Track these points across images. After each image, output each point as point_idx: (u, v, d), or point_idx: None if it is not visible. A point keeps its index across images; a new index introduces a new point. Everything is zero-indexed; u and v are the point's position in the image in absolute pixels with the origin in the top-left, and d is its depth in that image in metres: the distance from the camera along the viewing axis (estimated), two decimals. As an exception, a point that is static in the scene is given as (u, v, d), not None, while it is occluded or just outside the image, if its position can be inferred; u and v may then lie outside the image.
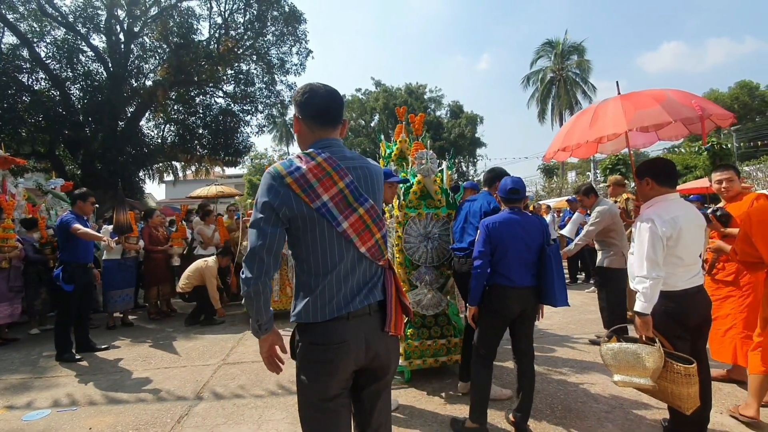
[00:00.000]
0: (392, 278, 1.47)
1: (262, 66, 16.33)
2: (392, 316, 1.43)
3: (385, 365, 1.46)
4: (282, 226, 1.35)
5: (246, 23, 15.61)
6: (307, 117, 1.44)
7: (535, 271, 2.61)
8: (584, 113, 2.91)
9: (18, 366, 4.25)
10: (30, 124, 12.73)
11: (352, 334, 1.36)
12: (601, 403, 3.04)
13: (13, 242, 5.11)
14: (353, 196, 1.37)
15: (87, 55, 13.87)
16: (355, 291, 1.39)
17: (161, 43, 14.73)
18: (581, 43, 32.50)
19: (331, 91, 1.46)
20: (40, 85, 13.28)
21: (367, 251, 1.39)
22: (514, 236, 2.58)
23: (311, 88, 1.44)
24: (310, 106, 1.43)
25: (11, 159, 6.43)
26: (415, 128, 4.00)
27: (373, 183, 1.45)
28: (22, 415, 3.10)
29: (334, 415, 1.37)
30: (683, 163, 19.74)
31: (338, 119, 1.47)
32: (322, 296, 1.35)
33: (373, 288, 1.43)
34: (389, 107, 28.57)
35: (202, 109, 16.05)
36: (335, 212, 1.33)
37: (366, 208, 1.38)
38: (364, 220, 1.37)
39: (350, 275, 1.38)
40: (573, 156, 3.24)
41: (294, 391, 3.35)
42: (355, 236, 1.36)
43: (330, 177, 1.34)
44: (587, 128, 2.66)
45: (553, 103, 33.26)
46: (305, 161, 1.35)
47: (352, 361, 1.37)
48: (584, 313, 5.88)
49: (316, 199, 1.32)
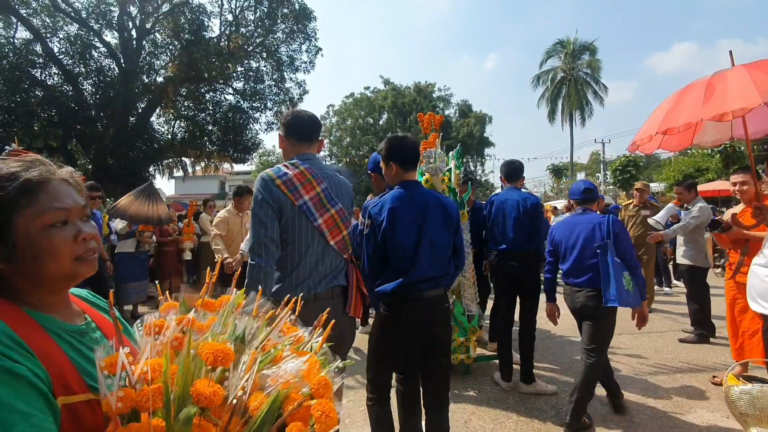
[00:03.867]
0: (354, 270, 1.80)
1: (271, 63, 16.39)
2: (351, 300, 1.74)
3: (342, 342, 1.75)
4: (277, 218, 1.63)
5: (256, 20, 15.69)
6: (291, 136, 1.78)
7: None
8: (691, 88, 2.53)
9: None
10: (43, 119, 12.92)
11: (315, 311, 1.54)
12: (607, 405, 3.01)
13: None
14: (327, 199, 1.69)
15: (99, 51, 14.04)
16: (321, 276, 1.69)
17: (172, 40, 14.85)
18: (592, 43, 32.20)
19: (311, 116, 1.81)
20: (53, 80, 13.48)
21: (335, 244, 1.71)
22: (579, 235, 2.64)
23: (295, 113, 1.82)
24: (294, 128, 1.77)
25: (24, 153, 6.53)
26: (424, 126, 3.98)
27: (341, 190, 1.78)
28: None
29: None
30: (695, 165, 19.47)
31: (315, 138, 1.81)
32: (297, 277, 1.65)
33: (338, 275, 1.75)
34: (397, 106, 28.54)
35: (211, 105, 16.16)
36: (313, 210, 1.65)
37: (336, 210, 1.72)
38: (334, 218, 1.70)
39: (320, 262, 1.69)
40: (662, 147, 2.93)
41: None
42: (327, 231, 1.68)
43: (310, 182, 1.67)
44: (699, 105, 2.30)
45: (564, 103, 32.98)
46: (291, 169, 1.67)
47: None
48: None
49: (299, 198, 1.63)
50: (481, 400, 3.14)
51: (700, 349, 4.26)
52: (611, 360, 3.92)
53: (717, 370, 3.64)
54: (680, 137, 2.81)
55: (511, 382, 3.31)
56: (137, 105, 14.73)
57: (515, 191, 3.30)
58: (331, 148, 30.63)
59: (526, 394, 3.18)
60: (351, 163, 26.60)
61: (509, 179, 3.35)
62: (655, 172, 28.69)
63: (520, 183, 3.47)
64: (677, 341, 4.50)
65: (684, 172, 18.92)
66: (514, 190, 3.30)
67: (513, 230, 3.19)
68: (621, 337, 4.71)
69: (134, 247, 5.87)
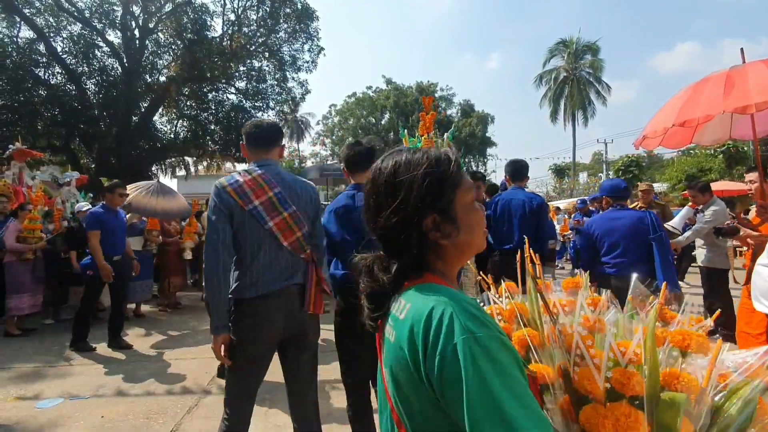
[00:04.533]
0: (313, 269, 1.87)
1: (274, 63, 16.38)
2: (310, 298, 1.82)
3: (303, 335, 1.87)
4: (228, 223, 1.72)
5: (259, 20, 15.68)
6: (249, 144, 1.89)
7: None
8: (706, 82, 2.52)
9: (31, 355, 4.34)
10: (46, 118, 12.94)
11: (272, 308, 1.76)
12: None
13: (39, 234, 5.21)
14: (280, 203, 1.77)
15: (102, 51, 14.04)
16: (276, 275, 1.77)
17: (175, 39, 14.86)
18: (595, 43, 32.12)
19: (270, 124, 1.93)
20: (56, 80, 13.49)
21: (289, 245, 1.78)
22: (623, 229, 2.75)
23: (255, 122, 1.93)
24: (251, 136, 1.88)
25: (28, 152, 6.55)
26: (426, 126, 3.99)
27: (298, 194, 1.85)
28: (35, 403, 3.16)
29: (259, 366, 1.82)
30: (698, 165, 19.40)
31: (273, 145, 1.90)
32: (250, 276, 1.75)
33: (294, 274, 1.82)
34: (399, 105, 28.51)
35: (214, 105, 16.16)
36: (264, 214, 1.73)
37: (289, 212, 1.78)
38: (287, 221, 1.77)
39: (273, 262, 1.77)
40: (663, 145, 2.97)
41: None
42: (279, 233, 1.75)
43: (262, 187, 1.76)
44: (720, 97, 2.28)
45: (566, 103, 32.91)
46: (243, 176, 1.78)
47: (274, 329, 1.77)
48: (594, 315, 5.82)
49: (249, 203, 1.72)
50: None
51: (704, 349, 4.24)
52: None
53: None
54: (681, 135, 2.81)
55: None
56: (140, 104, 14.75)
57: (521, 191, 3.29)
58: (333, 147, 30.62)
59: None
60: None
61: (514, 179, 3.34)
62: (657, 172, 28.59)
63: (525, 183, 3.47)
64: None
65: (687, 172, 18.85)
66: (519, 190, 3.29)
67: (518, 230, 3.19)
68: (624, 338, 4.70)
69: (141, 245, 5.87)
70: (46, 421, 2.87)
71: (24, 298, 5.03)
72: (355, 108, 29.87)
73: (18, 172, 6.14)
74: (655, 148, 3.24)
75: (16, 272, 5.01)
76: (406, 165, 0.72)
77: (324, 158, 30.96)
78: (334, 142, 30.63)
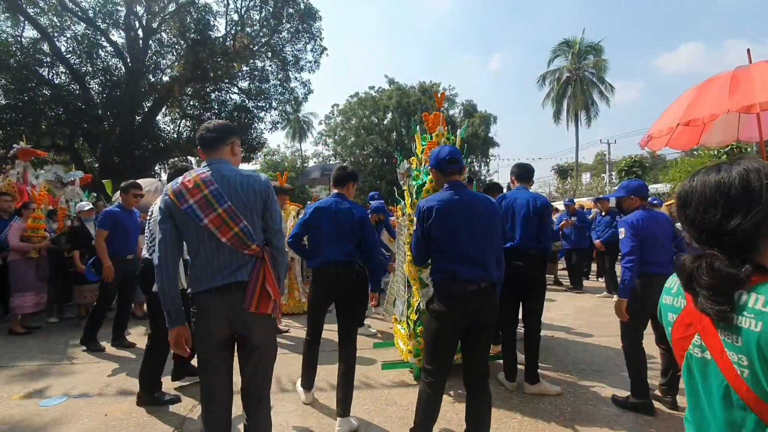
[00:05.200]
0: (262, 266, 1.84)
1: (276, 63, 16.43)
2: (252, 296, 1.79)
3: (247, 335, 1.85)
4: (169, 222, 1.81)
5: (262, 20, 15.72)
6: (199, 145, 1.98)
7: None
8: (712, 82, 2.55)
9: (36, 353, 4.37)
10: (50, 117, 13.00)
11: (213, 304, 1.80)
12: (611, 406, 3.01)
13: (43, 232, 5.24)
14: (215, 200, 1.79)
15: (106, 51, 14.12)
16: (216, 272, 1.80)
17: (178, 39, 14.92)
18: (598, 43, 32.01)
19: (216, 125, 1.97)
20: (60, 79, 13.56)
21: (227, 241, 1.79)
22: (664, 230, 2.91)
23: (203, 125, 1.98)
24: (198, 138, 1.97)
25: (32, 151, 6.59)
26: (429, 126, 3.98)
27: (237, 190, 1.84)
28: (39, 401, 3.19)
29: (213, 361, 1.87)
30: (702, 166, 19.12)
31: (215, 146, 1.94)
32: (195, 272, 1.83)
33: (237, 270, 1.82)
34: (402, 105, 28.46)
35: (217, 105, 16.22)
36: (198, 212, 1.78)
37: (224, 209, 1.79)
38: (222, 217, 1.78)
39: (213, 258, 1.80)
40: (670, 145, 2.98)
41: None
42: (215, 229, 1.78)
43: (198, 186, 1.80)
44: (725, 97, 2.33)
45: (569, 103, 32.82)
46: (183, 178, 1.85)
47: (219, 325, 1.81)
48: (596, 315, 5.81)
49: (184, 203, 1.78)
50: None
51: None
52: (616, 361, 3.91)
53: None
54: (688, 136, 2.81)
55: (516, 382, 3.31)
56: (143, 104, 14.81)
57: (525, 191, 3.30)
58: (336, 147, 30.62)
59: (531, 394, 3.17)
60: (355, 163, 26.58)
61: (520, 179, 3.36)
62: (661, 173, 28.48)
63: (530, 185, 3.50)
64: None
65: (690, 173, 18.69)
66: (524, 190, 3.31)
67: (521, 228, 3.19)
68: (626, 339, 4.70)
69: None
70: (50, 420, 2.90)
71: (28, 297, 5.06)
72: (357, 108, 29.83)
73: (22, 171, 6.18)
74: (662, 148, 3.24)
75: (20, 271, 5.05)
76: (756, 173, 0.82)
77: (326, 158, 30.95)
78: (337, 142, 30.62)
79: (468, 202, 2.24)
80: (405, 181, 4.06)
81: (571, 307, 6.32)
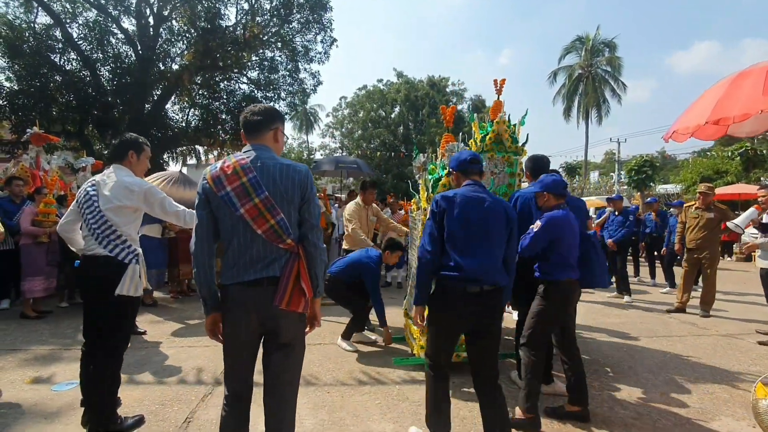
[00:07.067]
0: (295, 262, 1.75)
1: (286, 53, 16.30)
2: (284, 293, 1.70)
3: (276, 332, 1.77)
4: (205, 209, 1.76)
5: (272, 9, 15.57)
6: (242, 129, 1.90)
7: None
8: (745, 76, 2.40)
9: (47, 338, 4.39)
10: (61, 104, 13.03)
11: (243, 298, 1.73)
12: (628, 409, 2.96)
13: (54, 218, 5.24)
14: (253, 188, 1.70)
15: (117, 38, 14.07)
16: (248, 264, 1.73)
17: (189, 27, 14.84)
18: (612, 39, 31.54)
19: (261, 109, 1.89)
20: (71, 66, 13.55)
21: (263, 233, 1.70)
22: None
23: (246, 109, 1.90)
24: (242, 121, 1.90)
25: (45, 136, 6.59)
26: (446, 119, 3.92)
27: (275, 179, 1.75)
28: (51, 386, 3.20)
29: (237, 358, 1.80)
30: (714, 167, 19.03)
31: (258, 131, 1.86)
32: (227, 264, 1.77)
33: (270, 265, 1.73)
34: (410, 99, 28.23)
35: (225, 94, 16.14)
36: (235, 200, 1.70)
37: (261, 199, 1.70)
38: (258, 207, 1.70)
39: (247, 250, 1.73)
40: (696, 137, 2.85)
41: (313, 380, 3.38)
42: (250, 220, 1.70)
43: (237, 173, 1.72)
44: (759, 94, 2.21)
45: (580, 101, 32.45)
46: (222, 162, 1.79)
47: (245, 320, 1.74)
48: (606, 315, 5.75)
49: (221, 190, 1.71)
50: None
51: (723, 354, 4.17)
52: (630, 362, 3.85)
53: (741, 375, 3.56)
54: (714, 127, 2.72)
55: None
56: (153, 92, 14.78)
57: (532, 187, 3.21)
58: (343, 140, 30.52)
59: (545, 394, 3.13)
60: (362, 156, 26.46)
61: (534, 175, 3.25)
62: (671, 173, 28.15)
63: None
64: (695, 345, 4.41)
65: (702, 174, 18.49)
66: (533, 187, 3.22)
67: None
68: (639, 340, 4.64)
69: (160, 232, 5.90)
70: (63, 404, 2.89)
71: (37, 281, 5.08)
72: (365, 101, 29.63)
73: (35, 156, 6.19)
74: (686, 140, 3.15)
75: (31, 255, 5.07)
76: None
77: (333, 150, 30.86)
78: (344, 134, 30.50)
79: (486, 200, 2.23)
80: (421, 174, 4.00)
81: (580, 306, 6.24)
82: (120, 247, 2.43)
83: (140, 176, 2.64)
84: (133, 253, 2.47)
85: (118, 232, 2.42)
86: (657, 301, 6.73)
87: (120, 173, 2.50)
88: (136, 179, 2.52)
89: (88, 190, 2.48)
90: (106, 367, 2.45)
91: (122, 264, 2.42)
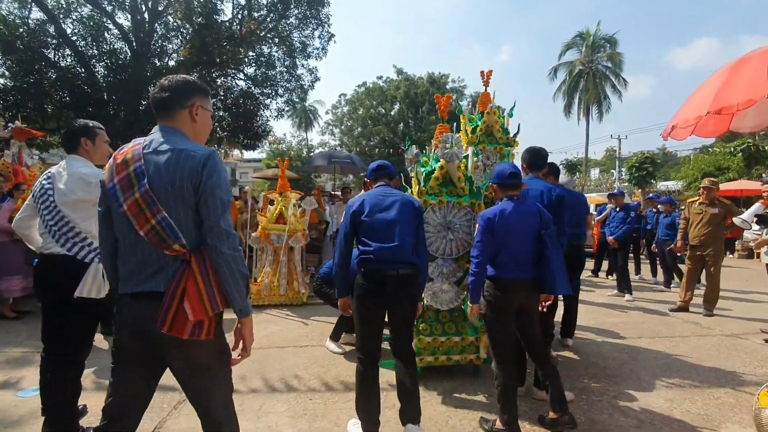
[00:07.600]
0: (183, 274, 1.37)
1: (283, 49, 16.12)
2: (166, 313, 1.34)
3: (167, 359, 1.46)
4: (105, 204, 1.51)
5: (269, 5, 15.39)
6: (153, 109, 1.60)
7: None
8: (745, 62, 2.29)
9: (24, 339, 4.22)
10: (55, 100, 12.89)
11: (127, 313, 1.45)
12: (629, 416, 2.78)
13: None
14: (137, 180, 1.39)
15: (112, 33, 13.92)
16: (132, 273, 1.43)
17: (185, 23, 14.66)
18: (613, 35, 31.24)
19: (165, 84, 1.56)
20: (65, 62, 13.40)
21: (144, 235, 1.38)
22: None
23: (157, 83, 1.59)
24: (150, 100, 1.60)
25: (27, 131, 6.40)
26: (441, 109, 3.74)
27: (160, 169, 1.40)
28: (16, 391, 3.03)
29: (125, 371, 1.51)
30: (716, 164, 18.79)
31: (167, 109, 1.53)
32: (120, 271, 1.48)
33: (153, 276, 1.41)
34: (410, 96, 28.02)
35: (222, 91, 15.98)
36: (119, 194, 1.41)
37: (141, 192, 1.38)
38: (138, 203, 1.38)
39: (130, 254, 1.44)
40: (696, 134, 2.69)
41: (296, 386, 3.20)
42: (132, 218, 1.39)
43: (125, 162, 1.43)
44: (763, 78, 2.06)
45: (581, 97, 32.18)
46: (120, 149, 1.50)
47: (129, 338, 1.45)
48: (606, 315, 5.57)
49: (110, 182, 1.44)
50: (491, 405, 2.91)
51: (728, 355, 3.99)
52: (631, 365, 3.67)
53: (747, 378, 3.37)
54: (716, 123, 2.55)
55: (524, 387, 3.08)
56: (148, 88, 14.61)
57: (539, 181, 3.01)
58: (342, 137, 30.32)
59: (541, 400, 2.95)
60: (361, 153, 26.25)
61: (532, 168, 3.06)
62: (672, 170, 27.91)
63: (544, 173, 3.19)
64: (699, 346, 4.23)
65: (704, 170, 18.24)
66: (537, 180, 3.01)
67: None
68: (641, 341, 4.46)
69: None
70: (26, 412, 2.73)
71: (15, 281, 4.93)
72: (365, 98, 29.42)
73: (17, 152, 6.01)
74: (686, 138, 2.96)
75: (9, 253, 4.90)
76: None
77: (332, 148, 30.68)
78: (343, 132, 30.30)
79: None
80: (413, 167, 3.83)
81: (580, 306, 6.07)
82: (79, 245, 2.24)
83: (102, 162, 2.38)
84: (95, 251, 2.28)
85: (76, 229, 2.23)
86: (659, 300, 6.54)
87: (75, 164, 2.29)
88: (93, 169, 2.31)
89: (43, 184, 2.28)
90: (66, 374, 2.28)
91: (83, 263, 2.24)
